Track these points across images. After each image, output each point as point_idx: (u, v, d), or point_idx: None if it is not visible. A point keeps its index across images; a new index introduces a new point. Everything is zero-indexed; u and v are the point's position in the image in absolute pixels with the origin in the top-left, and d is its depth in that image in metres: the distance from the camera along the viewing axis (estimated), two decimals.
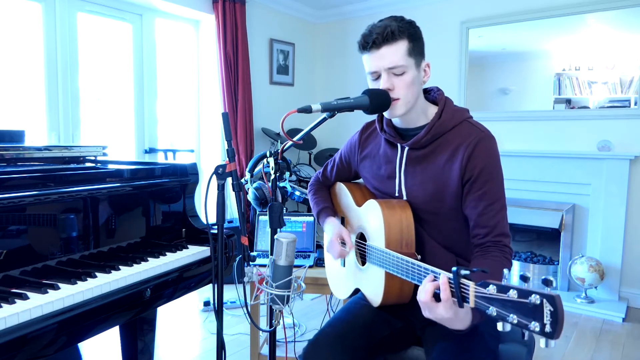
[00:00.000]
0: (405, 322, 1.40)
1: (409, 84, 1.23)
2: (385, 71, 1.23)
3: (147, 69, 3.58)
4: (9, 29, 2.82)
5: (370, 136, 1.48)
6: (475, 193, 1.23)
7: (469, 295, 0.90)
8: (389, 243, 1.27)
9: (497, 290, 0.84)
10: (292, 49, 4.66)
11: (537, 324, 0.77)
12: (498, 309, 0.83)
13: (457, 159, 1.24)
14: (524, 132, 3.68)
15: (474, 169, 1.22)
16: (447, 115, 1.28)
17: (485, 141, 1.24)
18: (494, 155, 1.25)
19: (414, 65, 1.24)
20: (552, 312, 0.75)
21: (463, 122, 1.29)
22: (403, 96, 1.24)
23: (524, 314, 0.79)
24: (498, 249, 1.21)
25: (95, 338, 1.77)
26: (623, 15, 3.24)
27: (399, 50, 1.21)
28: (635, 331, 2.92)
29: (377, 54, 1.23)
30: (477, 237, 1.25)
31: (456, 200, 1.27)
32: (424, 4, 4.09)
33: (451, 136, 1.27)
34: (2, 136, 1.72)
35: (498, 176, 1.25)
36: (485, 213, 1.22)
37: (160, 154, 3.58)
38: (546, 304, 0.76)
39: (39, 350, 1.05)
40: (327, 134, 4.82)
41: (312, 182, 1.71)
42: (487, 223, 1.22)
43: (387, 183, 1.39)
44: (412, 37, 1.23)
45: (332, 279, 1.65)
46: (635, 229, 3.29)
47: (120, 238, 1.49)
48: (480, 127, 1.28)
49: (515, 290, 0.81)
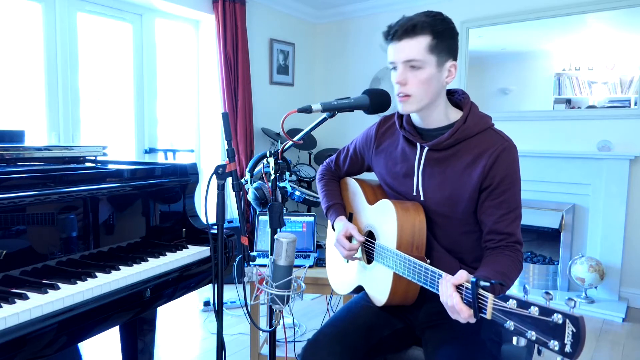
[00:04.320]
0: (406, 323, 1.39)
1: (422, 81, 1.21)
2: (402, 64, 1.22)
3: (147, 69, 3.58)
4: (9, 29, 2.82)
5: (387, 131, 1.45)
6: (494, 200, 1.23)
7: (487, 308, 0.90)
8: (400, 245, 1.26)
9: (518, 305, 0.84)
10: (292, 49, 4.66)
11: (557, 342, 0.76)
12: (516, 324, 0.83)
13: (479, 165, 1.23)
14: (524, 132, 3.68)
15: (494, 177, 1.22)
16: (472, 120, 1.27)
17: (509, 151, 1.24)
18: (516, 165, 1.25)
19: (434, 63, 1.21)
20: (574, 333, 0.75)
21: (487, 129, 1.29)
22: (414, 93, 1.22)
23: (544, 332, 0.79)
24: (512, 251, 1.22)
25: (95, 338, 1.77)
26: (623, 15, 3.24)
27: (418, 45, 1.19)
28: (635, 331, 2.92)
29: (397, 46, 1.22)
30: (491, 242, 1.25)
31: (470, 206, 1.27)
32: (424, 4, 4.08)
33: (475, 142, 1.26)
34: (2, 136, 1.72)
35: (517, 185, 1.25)
36: (501, 221, 1.23)
37: (160, 154, 3.58)
38: (569, 324, 0.76)
39: (39, 350, 1.05)
40: (327, 134, 4.82)
41: (323, 171, 1.68)
42: (503, 230, 1.23)
43: (402, 181, 1.37)
44: (438, 34, 1.20)
45: (333, 274, 1.64)
46: (635, 229, 3.29)
47: (120, 238, 1.49)
48: (504, 136, 1.28)
49: (536, 307, 0.80)
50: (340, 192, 1.64)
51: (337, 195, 1.60)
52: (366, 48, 4.61)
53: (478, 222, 1.29)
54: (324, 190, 1.62)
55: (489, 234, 1.25)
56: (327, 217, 1.58)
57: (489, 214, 1.24)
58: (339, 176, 1.67)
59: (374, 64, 4.56)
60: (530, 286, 3.48)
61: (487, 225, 1.25)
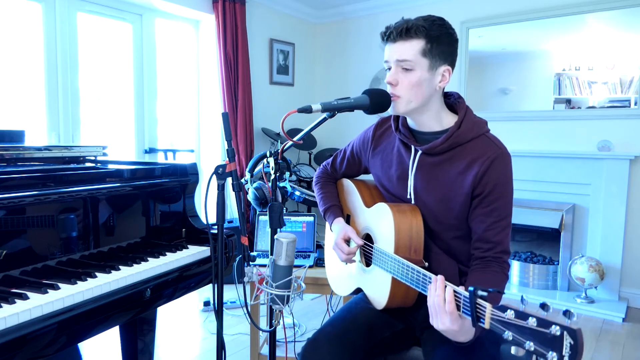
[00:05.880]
0: (406, 323, 1.39)
1: (413, 84, 1.22)
2: (395, 64, 1.23)
3: (147, 69, 3.58)
4: (9, 29, 2.82)
5: (384, 133, 1.45)
6: (485, 208, 1.23)
7: (485, 317, 0.90)
8: (397, 248, 1.26)
9: (516, 316, 0.84)
10: (292, 49, 4.66)
11: (556, 354, 0.77)
12: (515, 335, 0.84)
13: (472, 172, 1.23)
14: (524, 132, 3.68)
15: (486, 185, 1.22)
16: (466, 126, 1.27)
17: (502, 159, 1.23)
18: (508, 174, 1.25)
19: (426, 66, 1.22)
20: (572, 345, 0.76)
21: (482, 135, 1.28)
22: (404, 95, 1.24)
23: (542, 343, 0.79)
24: (498, 265, 1.22)
25: (95, 338, 1.77)
26: (623, 15, 3.24)
27: (412, 48, 1.21)
28: (635, 331, 2.92)
29: (392, 47, 1.24)
30: (479, 250, 1.25)
31: (462, 212, 1.27)
32: (424, 4, 4.09)
33: (468, 148, 1.26)
34: (2, 136, 1.72)
35: (509, 194, 1.25)
36: (490, 229, 1.23)
37: (160, 154, 3.58)
38: (567, 336, 0.76)
39: (39, 350, 1.05)
40: (327, 134, 4.82)
41: (320, 174, 1.68)
42: (491, 239, 1.23)
43: (397, 184, 1.38)
44: (433, 38, 1.21)
45: (332, 276, 1.64)
46: (635, 229, 3.29)
47: (120, 238, 1.49)
48: (498, 143, 1.27)
49: (534, 319, 0.81)
50: (337, 194, 1.64)
51: (334, 197, 1.61)
52: (366, 48, 4.61)
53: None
54: (321, 192, 1.62)
55: (477, 242, 1.26)
56: (325, 219, 1.58)
57: (478, 221, 1.25)
58: (335, 178, 1.67)
59: (374, 64, 4.56)
60: (530, 286, 3.51)
61: (476, 232, 1.26)
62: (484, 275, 1.21)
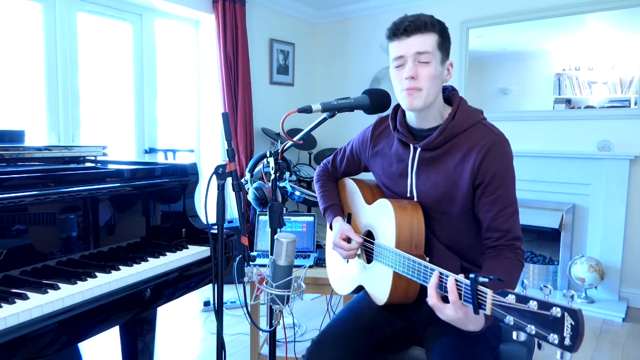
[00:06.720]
0: (407, 322, 1.40)
1: (432, 76, 1.22)
2: (412, 57, 1.21)
3: (147, 69, 3.58)
4: (9, 29, 2.82)
5: (383, 132, 1.46)
6: (488, 197, 1.23)
7: (486, 303, 0.90)
8: (399, 243, 1.26)
9: (517, 300, 0.84)
10: (292, 49, 4.66)
11: (557, 336, 0.77)
12: (516, 319, 0.84)
13: (469, 162, 1.23)
14: (524, 132, 3.68)
15: (485, 173, 1.21)
16: (460, 116, 1.26)
17: (499, 145, 1.22)
18: (507, 160, 1.24)
19: (440, 59, 1.23)
20: (573, 326, 0.75)
21: (477, 124, 1.27)
22: (425, 87, 1.22)
23: (543, 326, 0.79)
24: (511, 251, 1.22)
25: (95, 338, 1.77)
26: (623, 15, 3.24)
27: (430, 40, 1.21)
28: (635, 331, 2.92)
29: (407, 41, 1.21)
30: (490, 240, 1.24)
31: (466, 203, 1.26)
32: (424, 4, 4.09)
33: (464, 138, 1.26)
34: (2, 136, 1.72)
35: (510, 180, 1.24)
36: (498, 217, 1.22)
37: (160, 154, 3.58)
38: (567, 317, 0.76)
39: (39, 350, 1.05)
40: (327, 134, 4.82)
41: (320, 172, 1.69)
42: (500, 227, 1.22)
43: (398, 182, 1.38)
44: (442, 33, 1.23)
45: (333, 275, 1.65)
46: (635, 229, 3.29)
47: (120, 238, 1.49)
48: (494, 129, 1.26)
49: (535, 302, 0.81)
50: (337, 192, 1.64)
51: (335, 196, 1.61)
52: (366, 48, 4.61)
53: (477, 219, 1.29)
54: (321, 191, 1.63)
55: (487, 232, 1.25)
56: (325, 218, 1.58)
57: (485, 211, 1.24)
58: (336, 177, 1.68)
59: (374, 64, 4.56)
60: (530, 286, 3.50)
61: (484, 222, 1.25)
62: (496, 263, 1.20)
